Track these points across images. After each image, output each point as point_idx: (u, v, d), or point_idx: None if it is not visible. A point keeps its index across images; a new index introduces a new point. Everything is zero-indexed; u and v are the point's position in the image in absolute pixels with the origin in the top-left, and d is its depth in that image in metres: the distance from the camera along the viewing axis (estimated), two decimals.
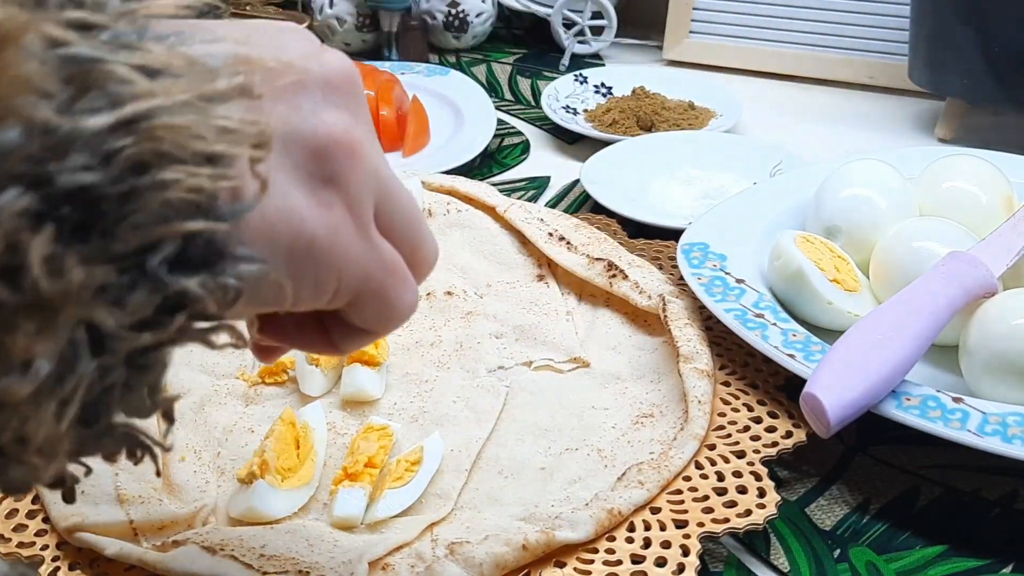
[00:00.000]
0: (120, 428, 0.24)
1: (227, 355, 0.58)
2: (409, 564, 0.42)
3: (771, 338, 0.51)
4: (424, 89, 0.94)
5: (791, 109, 0.98)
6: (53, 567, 0.43)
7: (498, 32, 1.20)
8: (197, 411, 0.53)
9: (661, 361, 0.55)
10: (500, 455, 0.50)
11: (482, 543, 0.42)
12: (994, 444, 0.44)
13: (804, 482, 0.50)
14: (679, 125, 0.89)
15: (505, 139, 0.91)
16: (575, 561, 0.42)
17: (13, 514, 0.46)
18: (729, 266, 0.58)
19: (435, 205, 0.69)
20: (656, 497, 0.45)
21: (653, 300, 0.57)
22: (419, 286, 0.33)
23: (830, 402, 0.45)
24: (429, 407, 0.54)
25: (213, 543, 0.42)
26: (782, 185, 0.67)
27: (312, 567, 0.41)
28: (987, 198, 0.59)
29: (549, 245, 0.63)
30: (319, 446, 0.50)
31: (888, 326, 0.48)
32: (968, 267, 0.51)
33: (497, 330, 0.59)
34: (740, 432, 0.49)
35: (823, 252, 0.57)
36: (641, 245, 0.67)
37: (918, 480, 0.50)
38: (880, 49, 1.00)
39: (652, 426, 0.51)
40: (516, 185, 0.82)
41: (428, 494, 0.47)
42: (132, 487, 0.46)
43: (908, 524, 0.47)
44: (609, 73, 1.01)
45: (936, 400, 0.47)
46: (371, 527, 0.45)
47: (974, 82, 0.82)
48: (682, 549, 0.42)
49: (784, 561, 0.45)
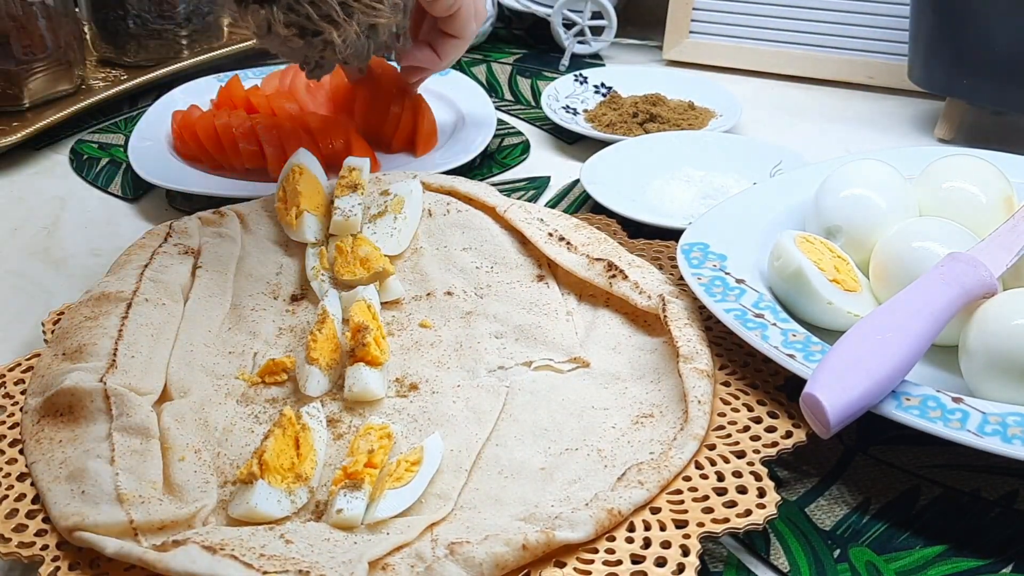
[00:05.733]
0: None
1: (227, 355, 0.58)
2: (409, 564, 0.42)
3: (771, 338, 0.51)
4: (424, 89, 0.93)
5: (791, 109, 0.98)
6: (53, 567, 0.43)
7: (498, 32, 1.20)
8: (197, 411, 0.53)
9: (661, 361, 0.55)
10: (500, 455, 0.50)
11: (482, 543, 0.42)
12: (994, 444, 0.44)
13: (804, 482, 0.50)
14: (679, 125, 0.89)
15: (505, 139, 0.91)
16: (575, 561, 0.42)
17: (13, 514, 0.46)
18: (729, 266, 0.58)
19: (435, 205, 0.69)
20: (656, 497, 0.45)
21: (653, 300, 0.57)
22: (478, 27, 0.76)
23: (830, 402, 0.45)
24: (429, 407, 0.54)
25: (213, 543, 0.42)
26: (782, 185, 0.67)
27: (312, 567, 0.41)
28: (987, 198, 0.59)
29: (549, 245, 0.63)
30: (319, 446, 0.50)
31: (888, 326, 0.48)
32: (968, 267, 0.51)
33: (497, 330, 0.59)
34: (740, 432, 0.49)
35: (823, 252, 0.57)
36: (641, 245, 0.67)
37: (918, 480, 0.50)
38: (880, 49, 1.00)
39: (652, 426, 0.51)
40: (516, 185, 0.82)
41: (428, 494, 0.47)
42: (132, 487, 0.46)
43: (908, 524, 0.47)
44: (609, 73, 1.01)
45: (936, 400, 0.47)
46: (371, 527, 0.45)
47: (974, 82, 0.82)
48: (682, 549, 0.42)
49: (784, 561, 0.45)
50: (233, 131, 0.79)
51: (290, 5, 0.63)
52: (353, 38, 0.65)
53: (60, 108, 0.91)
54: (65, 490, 0.45)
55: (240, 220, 0.68)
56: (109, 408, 0.49)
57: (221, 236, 0.66)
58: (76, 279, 0.70)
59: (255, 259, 0.65)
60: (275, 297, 0.63)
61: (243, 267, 0.64)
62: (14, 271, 0.72)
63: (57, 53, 0.92)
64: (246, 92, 0.87)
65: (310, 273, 0.64)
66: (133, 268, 0.61)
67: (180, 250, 0.63)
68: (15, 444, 0.50)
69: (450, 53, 0.77)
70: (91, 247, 0.74)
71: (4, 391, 0.54)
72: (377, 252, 0.64)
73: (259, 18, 0.63)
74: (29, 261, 0.73)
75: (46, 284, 0.70)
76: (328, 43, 0.65)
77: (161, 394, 0.53)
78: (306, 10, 0.62)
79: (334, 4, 0.63)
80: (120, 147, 0.90)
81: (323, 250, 0.65)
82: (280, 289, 0.64)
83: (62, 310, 0.61)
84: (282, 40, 0.65)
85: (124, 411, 0.49)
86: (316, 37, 0.64)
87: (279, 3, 0.62)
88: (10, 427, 0.51)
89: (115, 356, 0.53)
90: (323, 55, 0.67)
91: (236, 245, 0.65)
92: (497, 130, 0.88)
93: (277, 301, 0.63)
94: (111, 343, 0.54)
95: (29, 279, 0.70)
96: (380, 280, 0.63)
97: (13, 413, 0.52)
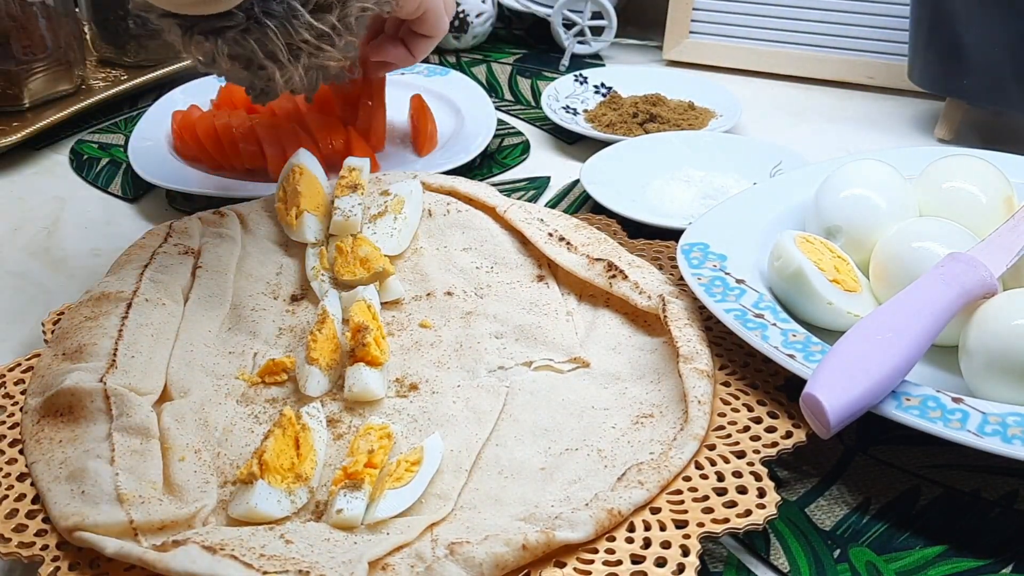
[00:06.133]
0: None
1: (227, 355, 0.58)
2: (409, 564, 0.42)
3: (771, 338, 0.51)
4: (424, 89, 0.94)
5: (791, 109, 0.98)
6: (53, 567, 0.43)
7: (498, 32, 1.20)
8: (197, 411, 0.53)
9: (661, 361, 0.55)
10: (500, 455, 0.50)
11: (482, 543, 0.42)
12: (994, 444, 0.44)
13: (804, 482, 0.50)
14: (679, 125, 0.89)
15: (505, 139, 0.91)
16: (575, 561, 0.42)
17: (13, 514, 0.46)
18: (729, 266, 0.58)
19: (435, 205, 0.69)
20: (656, 497, 0.45)
21: (653, 300, 0.57)
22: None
23: (830, 402, 0.45)
24: (429, 407, 0.54)
25: (213, 543, 0.42)
26: (782, 185, 0.67)
27: (312, 567, 0.41)
28: (987, 198, 0.59)
29: (549, 245, 0.63)
30: (319, 446, 0.50)
31: (888, 326, 0.48)
32: (968, 267, 0.51)
33: (497, 330, 0.59)
34: (740, 432, 0.49)
35: (823, 252, 0.57)
36: (641, 245, 0.67)
37: (918, 480, 0.50)
38: (880, 49, 1.00)
39: (652, 426, 0.51)
40: (516, 185, 0.82)
41: (428, 494, 0.47)
42: (132, 487, 0.46)
43: (908, 524, 0.47)
44: (609, 73, 1.01)
45: (936, 400, 0.47)
46: (371, 527, 0.45)
47: (974, 82, 0.82)
48: (682, 549, 0.42)
49: (784, 561, 0.45)
50: (233, 131, 0.79)
51: (236, 39, 0.61)
52: (297, 80, 0.64)
53: (60, 108, 0.91)
54: (65, 490, 0.45)
55: (240, 220, 0.68)
56: (109, 408, 0.49)
57: (221, 236, 0.66)
58: (76, 279, 0.70)
59: (255, 259, 0.65)
60: (275, 297, 0.63)
61: (243, 267, 0.64)
62: (14, 271, 0.72)
63: (57, 53, 0.92)
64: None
65: (310, 273, 0.64)
66: (133, 268, 0.61)
67: (180, 250, 0.63)
68: (15, 444, 0.50)
69: (423, 51, 0.78)
70: (91, 247, 0.74)
71: (4, 391, 0.54)
72: (377, 252, 0.64)
73: (204, 49, 0.61)
74: (29, 261, 0.73)
75: (46, 284, 0.70)
76: (271, 79, 0.64)
77: (161, 394, 0.53)
78: (251, 46, 0.61)
79: (280, 44, 0.61)
80: (120, 147, 0.90)
81: (323, 250, 0.65)
82: (280, 289, 0.64)
83: (62, 310, 0.61)
84: (225, 71, 0.64)
85: (124, 411, 0.49)
86: (261, 70, 0.63)
87: (224, 37, 0.61)
88: (10, 427, 0.51)
89: (115, 356, 0.53)
90: (268, 84, 0.65)
91: (236, 245, 0.65)
92: (497, 130, 0.88)
93: (277, 301, 0.63)
94: (111, 343, 0.54)
95: (29, 279, 0.70)
96: (380, 280, 0.63)
97: (13, 413, 0.52)
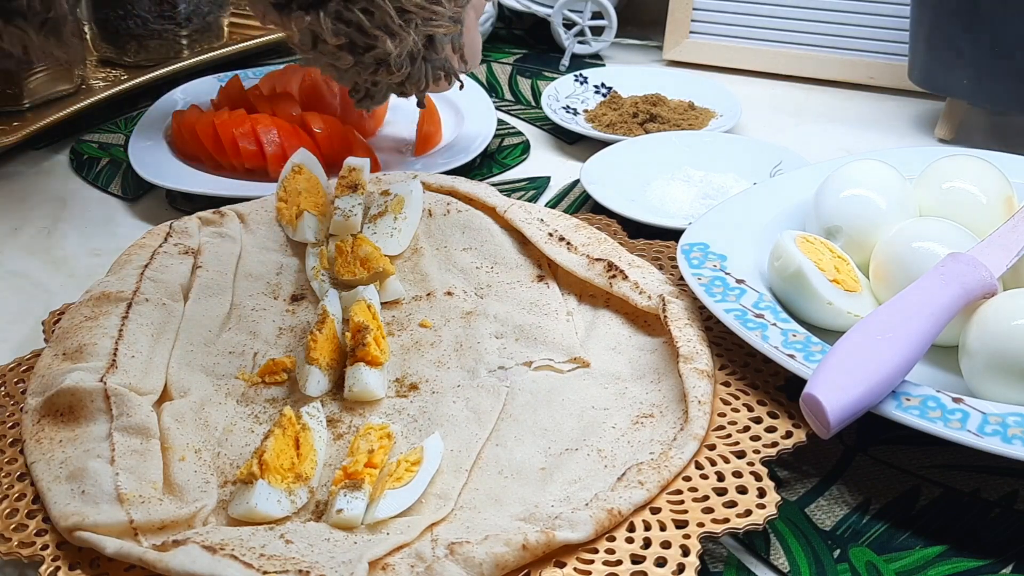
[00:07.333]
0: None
1: (228, 355, 0.58)
2: (409, 564, 0.42)
3: (771, 338, 0.51)
4: None
5: (791, 109, 0.98)
6: (53, 567, 0.43)
7: (498, 32, 1.20)
8: (197, 411, 0.53)
9: (661, 361, 0.55)
10: (500, 455, 0.50)
11: (482, 543, 0.42)
12: (994, 444, 0.44)
13: (804, 482, 0.50)
14: (679, 125, 0.89)
15: (505, 139, 0.91)
16: (575, 561, 0.42)
17: (13, 514, 0.46)
18: (729, 266, 0.58)
19: (435, 205, 0.69)
20: (656, 497, 0.45)
21: (653, 300, 0.57)
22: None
23: (830, 403, 0.45)
24: (429, 407, 0.54)
25: (213, 543, 0.42)
26: (782, 185, 0.67)
27: (312, 567, 0.41)
28: (987, 198, 0.59)
29: (549, 245, 0.63)
30: (319, 446, 0.50)
31: (888, 326, 0.48)
32: (968, 267, 0.51)
33: (497, 330, 0.59)
34: (740, 432, 0.49)
35: (823, 252, 0.57)
36: (641, 245, 0.67)
37: (918, 480, 0.50)
38: (880, 49, 1.00)
39: (652, 426, 0.51)
40: (516, 185, 0.82)
41: (428, 494, 0.47)
42: (132, 487, 0.46)
43: (908, 524, 0.47)
44: (609, 73, 1.01)
45: (936, 400, 0.47)
46: (371, 527, 0.45)
47: (974, 82, 0.82)
48: (682, 549, 0.42)
49: (784, 561, 0.45)
50: (233, 131, 0.79)
51: (339, 12, 0.55)
52: (410, 49, 0.57)
53: (60, 108, 0.91)
54: (65, 490, 0.45)
55: (240, 220, 0.68)
56: (109, 408, 0.49)
57: (221, 236, 0.66)
58: (76, 279, 0.70)
59: (255, 259, 0.65)
60: (275, 297, 0.63)
61: (243, 267, 0.64)
62: (14, 271, 0.72)
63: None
64: (246, 92, 0.87)
65: (310, 273, 0.64)
66: (133, 268, 0.61)
67: (180, 250, 0.63)
68: (15, 444, 0.50)
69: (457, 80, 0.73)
70: (91, 247, 0.74)
71: (4, 391, 0.54)
72: (377, 252, 0.64)
73: (304, 26, 0.55)
74: (29, 261, 0.73)
75: (46, 284, 0.70)
76: (381, 62, 0.57)
77: (161, 394, 0.53)
78: (357, 17, 0.54)
79: (390, 9, 0.55)
80: (120, 147, 0.90)
81: (323, 250, 0.65)
82: (280, 289, 0.64)
83: (62, 310, 0.61)
84: (330, 56, 0.57)
85: (124, 411, 0.49)
86: (368, 53, 0.57)
87: (327, 8, 0.55)
88: (10, 427, 0.51)
89: (115, 356, 0.53)
90: (375, 78, 0.59)
91: (236, 245, 0.65)
92: (497, 130, 0.88)
93: (277, 301, 0.63)
94: (111, 343, 0.54)
95: (29, 279, 0.70)
96: (380, 280, 0.63)
97: (13, 413, 0.52)
